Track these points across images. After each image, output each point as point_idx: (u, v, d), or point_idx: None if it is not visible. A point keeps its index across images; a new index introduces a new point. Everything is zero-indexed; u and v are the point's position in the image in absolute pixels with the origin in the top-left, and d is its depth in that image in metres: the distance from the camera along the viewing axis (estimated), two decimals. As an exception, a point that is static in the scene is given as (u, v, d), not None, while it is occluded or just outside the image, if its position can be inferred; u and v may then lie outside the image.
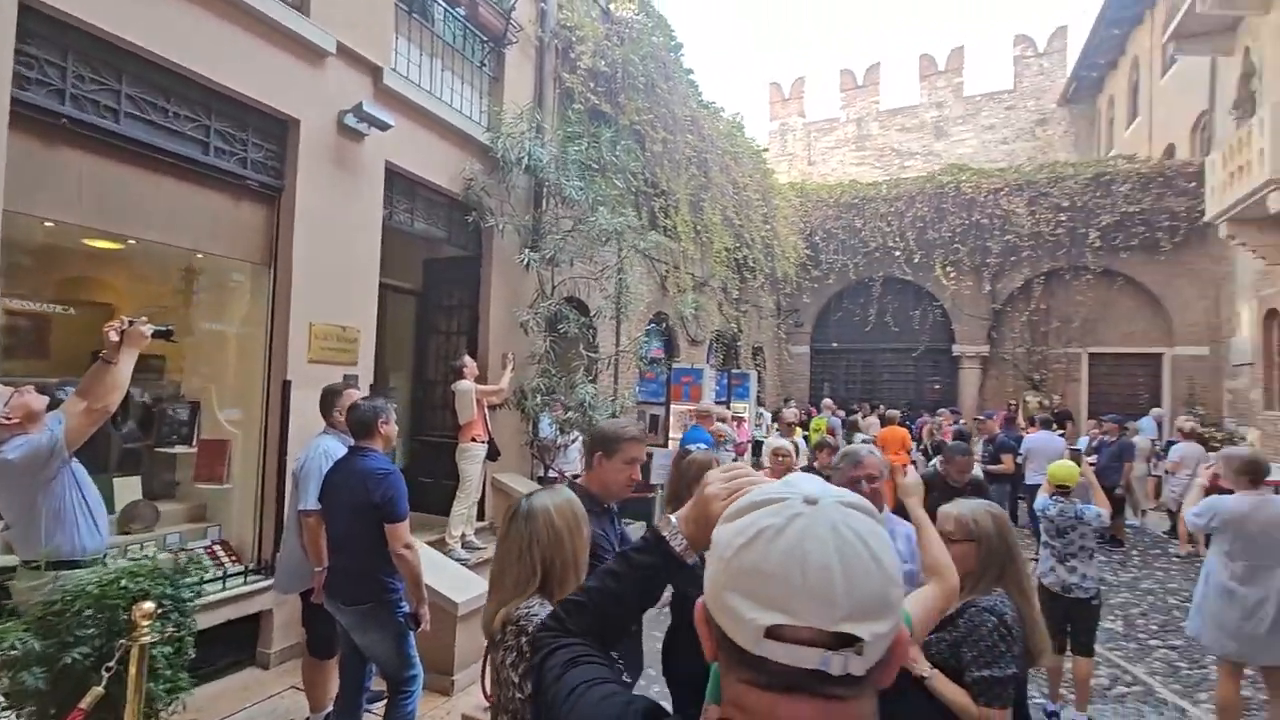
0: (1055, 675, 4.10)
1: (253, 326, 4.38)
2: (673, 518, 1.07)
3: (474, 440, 5.39)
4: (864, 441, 7.06)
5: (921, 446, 10.16)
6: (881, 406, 12.69)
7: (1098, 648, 4.54)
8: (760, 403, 12.84)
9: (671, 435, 8.60)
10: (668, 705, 1.24)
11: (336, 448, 3.09)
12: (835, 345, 15.86)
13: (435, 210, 5.76)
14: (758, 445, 10.91)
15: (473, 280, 6.29)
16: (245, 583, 3.98)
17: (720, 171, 10.48)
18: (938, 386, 14.81)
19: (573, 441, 6.52)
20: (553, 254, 6.18)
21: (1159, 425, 11.30)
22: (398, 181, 5.26)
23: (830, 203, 15.21)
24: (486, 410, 5.60)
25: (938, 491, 4.01)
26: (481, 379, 5.81)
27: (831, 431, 9.51)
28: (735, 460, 9.00)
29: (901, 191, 14.64)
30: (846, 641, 0.58)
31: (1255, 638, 3.40)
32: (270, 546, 4.10)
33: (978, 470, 6.47)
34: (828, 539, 0.60)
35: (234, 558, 4.16)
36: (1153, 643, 5.29)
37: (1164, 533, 8.87)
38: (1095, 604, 4.05)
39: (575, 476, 5.82)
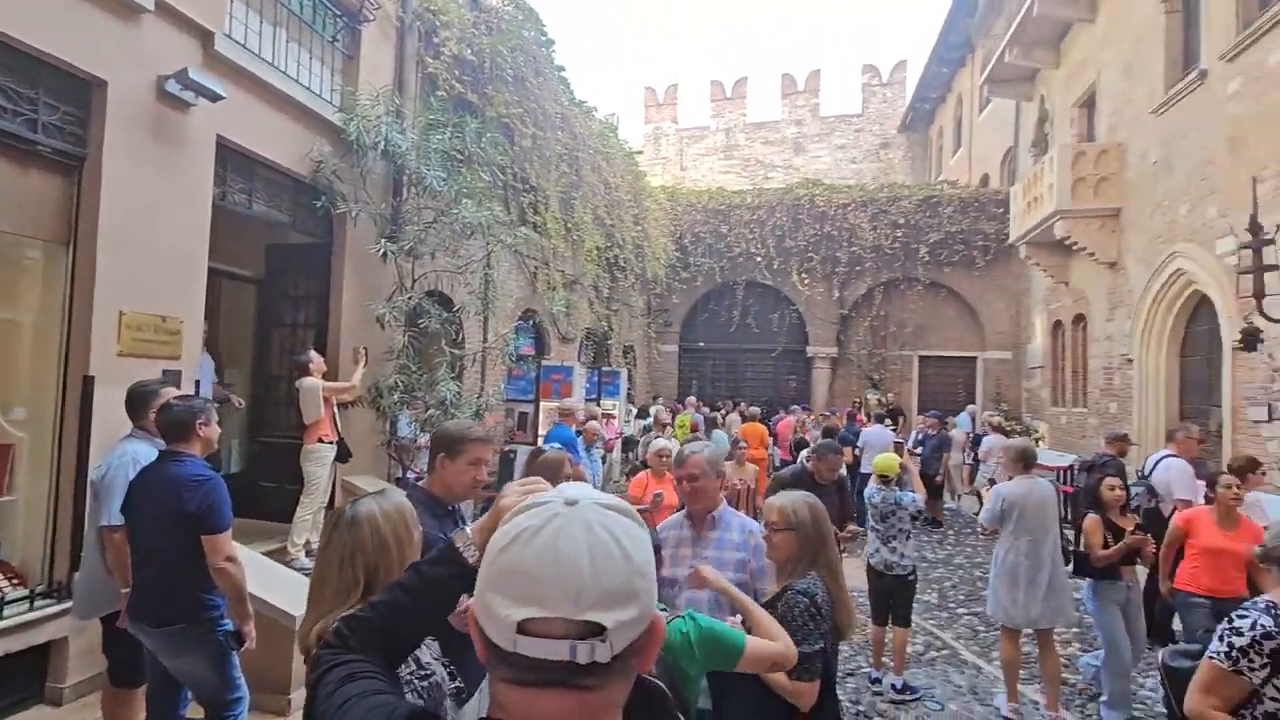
0: (878, 645, 4.56)
1: (46, 313, 3.81)
2: (467, 529, 1.08)
3: (321, 441, 5.05)
4: (733, 438, 7.40)
5: (787, 443, 10.78)
6: (743, 404, 13.41)
7: (915, 618, 5.12)
8: (630, 400, 13.11)
9: (541, 433, 8.56)
10: None
11: (147, 453, 2.77)
12: (702, 345, 16.52)
13: (278, 192, 5.31)
14: (628, 441, 11.14)
15: (322, 269, 5.87)
16: (31, 609, 3.46)
17: (592, 171, 10.55)
18: (794, 385, 15.88)
19: (433, 441, 6.29)
20: (412, 245, 5.92)
21: (972, 419, 12.89)
22: (232, 158, 4.79)
23: (699, 208, 15.82)
24: (336, 409, 5.26)
25: (805, 489, 4.16)
26: (331, 375, 5.45)
27: (694, 428, 9.91)
28: (604, 457, 9.13)
29: (764, 201, 15.54)
30: (593, 631, 0.61)
31: (1032, 606, 4.00)
32: (66, 566, 3.59)
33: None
34: (580, 536, 0.63)
35: (16, 580, 3.59)
36: (960, 611, 6.03)
37: (975, 514, 10.13)
38: (912, 580, 4.55)
39: (418, 478, 5.63)
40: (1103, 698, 4.05)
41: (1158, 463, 5.53)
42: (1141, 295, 8.97)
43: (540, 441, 7.80)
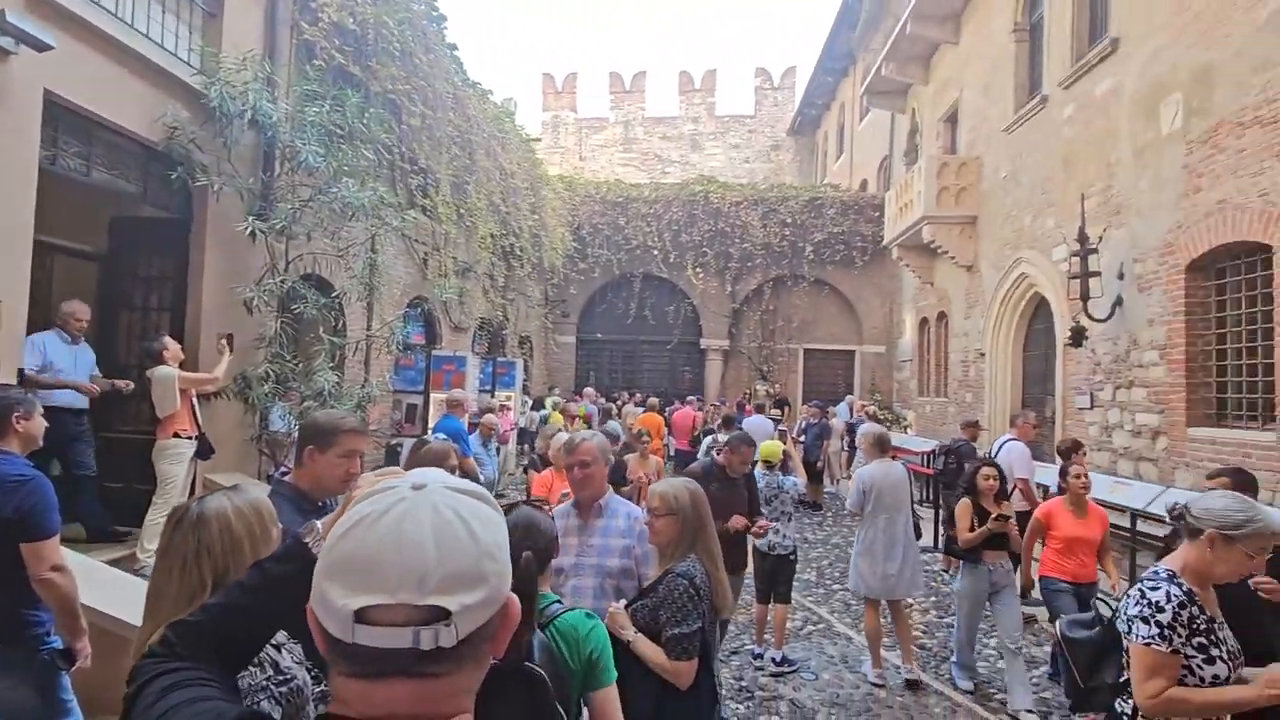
0: (760, 623, 4.80)
1: None
2: (318, 523, 1.02)
3: (177, 436, 4.60)
4: (637, 431, 7.46)
5: (686, 434, 11.01)
6: (638, 394, 13.61)
7: (795, 595, 5.42)
8: (526, 391, 12.92)
9: (430, 425, 8.27)
10: None
11: (-49, 451, 2.40)
12: (599, 336, 16.57)
13: (124, 159, 4.75)
14: (523, 433, 10.98)
15: (179, 247, 5.33)
16: None
17: (486, 155, 10.25)
18: (689, 376, 16.31)
19: (310, 435, 5.89)
20: (285, 224, 5.50)
21: (850, 408, 13.81)
22: (66, 118, 4.23)
23: (598, 199, 15.82)
24: (196, 401, 4.81)
25: (717, 483, 3.91)
26: (190, 364, 4.97)
27: (588, 418, 9.93)
28: (497, 449, 8.94)
29: (661, 195, 15.78)
30: (438, 616, 0.59)
31: (889, 577, 4.36)
32: None
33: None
34: (426, 519, 0.61)
35: None
36: (835, 587, 6.45)
37: (850, 496, 10.86)
38: (793, 559, 4.81)
39: (285, 473, 5.27)
40: (953, 659, 4.49)
41: (1002, 445, 6.17)
42: (993, 295, 9.95)
43: (429, 434, 7.53)
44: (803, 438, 10.14)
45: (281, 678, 1.45)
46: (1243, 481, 2.96)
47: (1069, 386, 8.10)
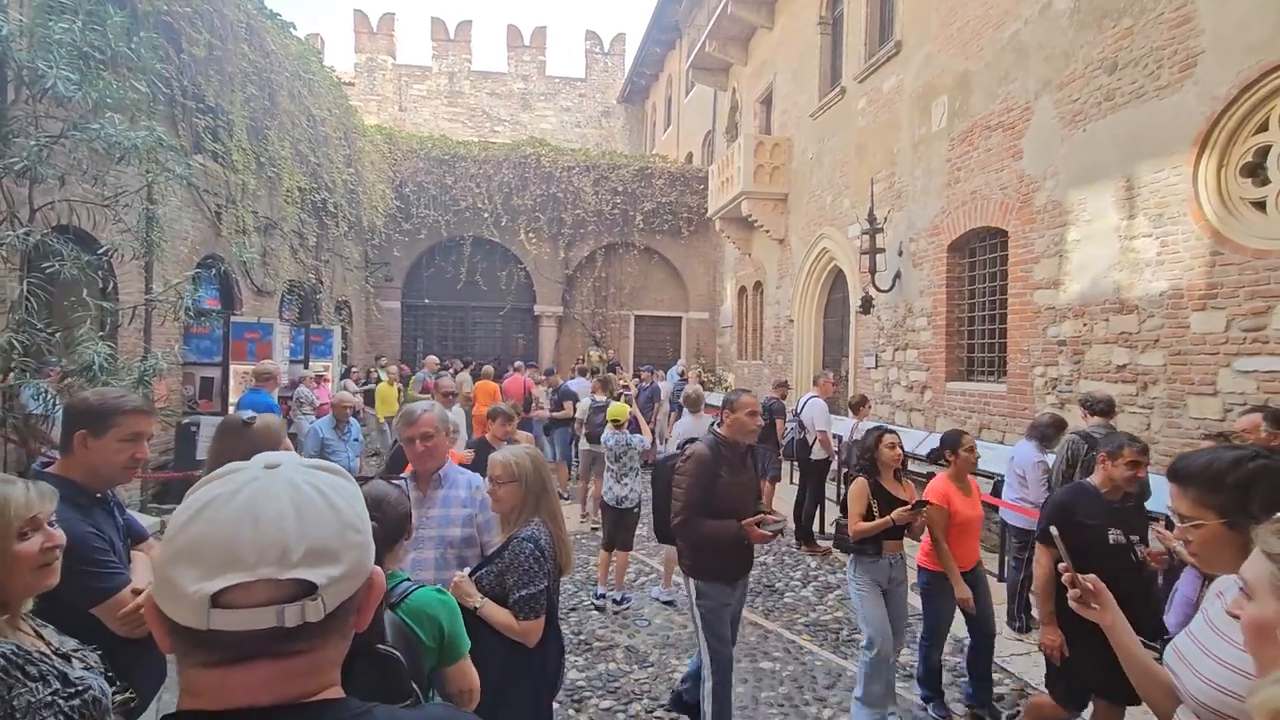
0: (604, 567, 5.18)
1: None
2: None
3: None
4: (512, 405, 7.33)
5: (526, 397, 10.89)
6: (473, 362, 13.22)
7: (636, 552, 5.84)
8: (344, 359, 11.99)
9: (231, 400, 7.42)
10: None
11: None
12: (428, 301, 15.78)
13: None
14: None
15: None
16: None
17: (290, 98, 9.15)
18: (522, 342, 16.15)
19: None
20: (27, 164, 4.53)
21: (679, 372, 14.63)
22: None
23: (422, 155, 14.85)
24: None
25: (727, 466, 3.09)
26: (-108, 336, 3.98)
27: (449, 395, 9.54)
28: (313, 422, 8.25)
29: (490, 155, 15.20)
30: (303, 590, 0.57)
31: None
32: None
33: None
34: (283, 494, 0.59)
35: None
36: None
37: (678, 454, 11.56)
38: (636, 511, 5.23)
39: (46, 464, 4.51)
40: (856, 692, 3.26)
41: (805, 402, 6.97)
42: (800, 267, 11.03)
43: (234, 410, 6.75)
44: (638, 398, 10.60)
45: (71, 690, 1.31)
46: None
47: (860, 349, 9.30)
